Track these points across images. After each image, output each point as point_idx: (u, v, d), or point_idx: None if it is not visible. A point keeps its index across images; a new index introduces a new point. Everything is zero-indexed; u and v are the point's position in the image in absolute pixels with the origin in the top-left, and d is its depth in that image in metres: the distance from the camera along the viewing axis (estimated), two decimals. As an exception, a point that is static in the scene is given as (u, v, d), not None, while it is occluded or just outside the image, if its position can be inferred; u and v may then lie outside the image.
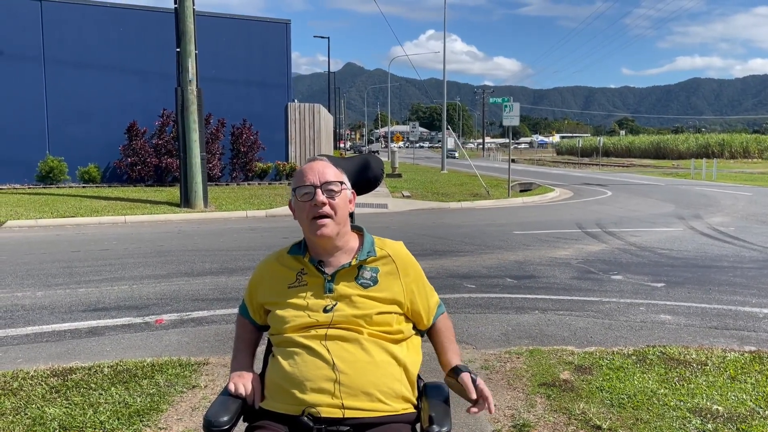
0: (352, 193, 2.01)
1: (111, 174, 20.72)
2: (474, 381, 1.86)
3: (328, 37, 44.87)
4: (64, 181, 19.76)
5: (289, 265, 1.98)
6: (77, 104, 19.90)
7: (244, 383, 1.93)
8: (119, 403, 3.56)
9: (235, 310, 5.84)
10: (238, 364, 2.04)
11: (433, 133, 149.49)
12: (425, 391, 1.95)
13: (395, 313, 1.93)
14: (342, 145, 66.34)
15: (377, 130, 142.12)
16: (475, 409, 1.85)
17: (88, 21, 20.02)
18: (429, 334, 2.06)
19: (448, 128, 36.10)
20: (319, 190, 1.88)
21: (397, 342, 1.93)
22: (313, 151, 23.62)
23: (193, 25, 14.23)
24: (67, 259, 8.37)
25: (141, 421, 3.34)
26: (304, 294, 1.91)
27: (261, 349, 2.09)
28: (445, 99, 34.50)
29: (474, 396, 1.85)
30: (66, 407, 3.49)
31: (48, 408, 3.47)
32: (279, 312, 1.93)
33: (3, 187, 18.93)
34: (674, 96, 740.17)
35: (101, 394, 3.67)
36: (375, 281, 1.93)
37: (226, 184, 21.60)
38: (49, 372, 4.01)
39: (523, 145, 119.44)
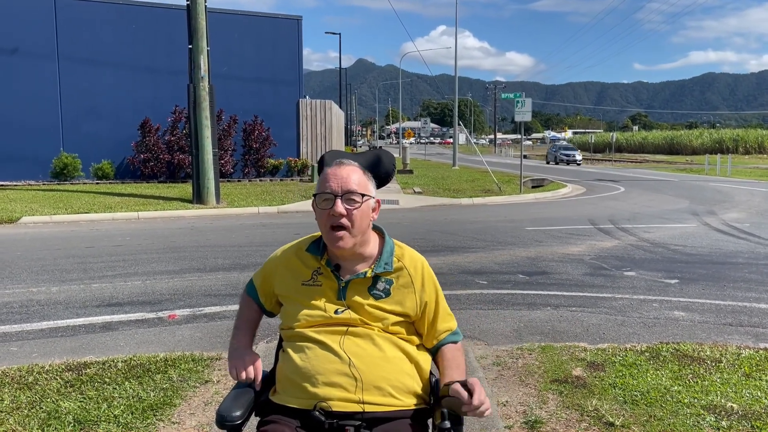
0: (377, 201, 1.96)
1: (124, 170, 20.86)
2: (465, 384, 1.72)
3: (340, 34, 44.89)
4: (78, 178, 19.91)
5: (306, 262, 1.97)
6: (91, 101, 20.04)
7: (245, 367, 1.94)
8: (133, 397, 3.59)
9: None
10: (237, 341, 2.05)
11: (445, 129, 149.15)
12: (437, 387, 1.95)
13: (407, 322, 1.94)
14: (360, 141, 64.82)
15: (388, 126, 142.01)
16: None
17: (101, 18, 20.14)
18: (434, 358, 2.01)
19: (459, 124, 35.97)
20: (339, 200, 1.84)
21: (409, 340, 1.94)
22: (325, 147, 23.63)
23: (205, 22, 14.27)
24: (81, 254, 8.44)
25: (154, 416, 3.37)
26: (317, 294, 1.91)
27: (272, 345, 2.09)
28: (456, 95, 34.39)
29: (465, 396, 1.69)
30: (80, 401, 3.52)
31: (63, 402, 3.50)
32: (292, 307, 1.94)
33: (18, 183, 19.12)
34: (688, 91, 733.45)
35: (115, 389, 3.70)
36: (387, 293, 1.92)
37: (238, 181, 21.68)
38: (63, 366, 4.05)
39: (539, 143, 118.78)
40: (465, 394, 1.70)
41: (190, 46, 14.23)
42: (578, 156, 43.86)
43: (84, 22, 19.90)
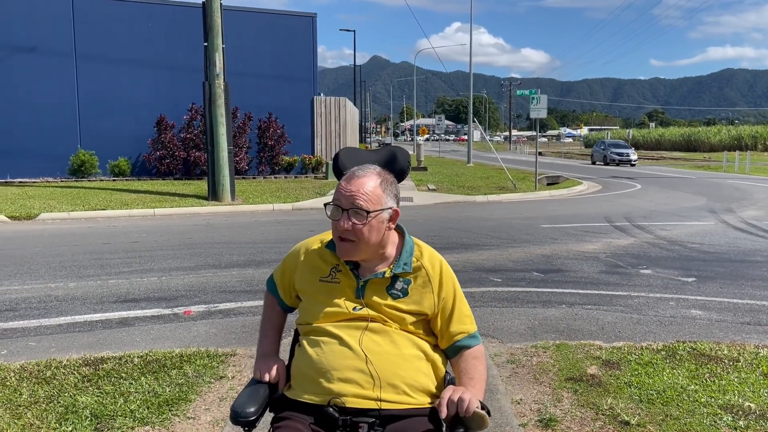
0: (394, 211, 1.90)
1: (140, 167, 21.03)
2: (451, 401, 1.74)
3: (354, 31, 44.85)
4: (95, 175, 20.11)
5: (326, 258, 1.96)
6: (108, 99, 20.21)
7: (269, 370, 1.95)
8: (149, 392, 3.62)
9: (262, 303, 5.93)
10: (264, 348, 2.06)
11: (459, 126, 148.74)
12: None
13: (426, 320, 1.92)
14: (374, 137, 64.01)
15: (403, 123, 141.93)
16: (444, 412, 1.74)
17: (117, 16, 20.30)
18: (452, 363, 1.97)
19: (474, 121, 35.85)
20: (345, 215, 1.83)
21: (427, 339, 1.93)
22: (339, 144, 23.66)
23: (220, 20, 14.34)
24: (99, 251, 8.53)
25: (170, 411, 3.39)
26: (336, 291, 1.90)
27: (288, 341, 2.10)
28: (471, 91, 34.28)
29: (443, 413, 1.73)
30: (97, 396, 3.56)
31: (80, 396, 3.54)
32: (309, 303, 1.94)
33: (36, 180, 19.34)
34: (706, 87, 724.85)
35: (131, 384, 3.73)
36: (405, 293, 1.90)
37: (253, 178, 21.77)
38: (81, 361, 4.10)
39: (568, 139, 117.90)
40: (444, 411, 1.73)
41: (206, 44, 14.30)
42: (633, 155, 35.64)
43: (101, 20, 20.07)
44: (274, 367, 1.96)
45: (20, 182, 18.82)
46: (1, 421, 3.25)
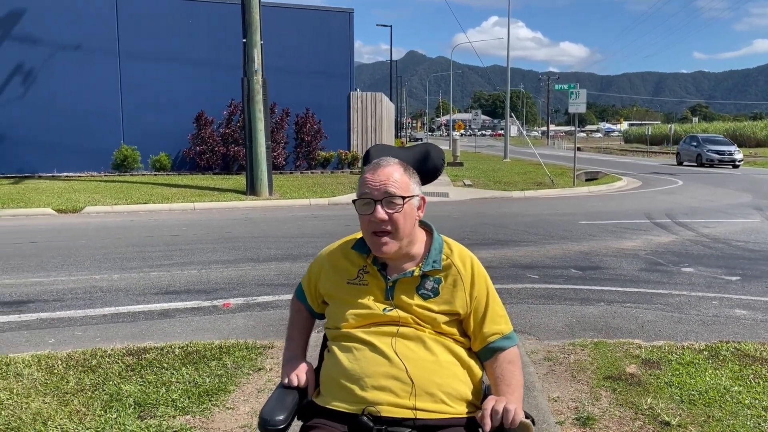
0: (421, 198, 1.87)
1: (180, 162, 21.43)
2: (496, 412, 1.68)
3: (391, 26, 44.87)
4: (137, 169, 20.57)
5: (352, 259, 1.91)
6: (149, 95, 20.63)
7: (298, 374, 1.89)
8: (189, 382, 3.70)
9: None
10: (290, 352, 2.01)
11: (496, 121, 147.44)
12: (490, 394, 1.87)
13: (459, 320, 1.85)
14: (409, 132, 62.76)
15: (438, 119, 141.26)
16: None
17: (160, 13, 20.68)
18: (485, 367, 1.88)
19: (511, 116, 35.50)
20: (378, 206, 1.77)
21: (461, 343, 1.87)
22: (375, 139, 23.70)
23: (259, 16, 14.49)
24: (140, 243, 8.74)
25: (210, 401, 3.47)
26: (364, 293, 1.85)
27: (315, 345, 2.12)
28: (508, 86, 33.94)
29: (487, 424, 1.68)
30: (141, 385, 3.66)
31: (124, 385, 3.64)
32: (338, 307, 1.88)
33: (81, 174, 19.89)
34: (752, 81, 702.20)
35: (173, 374, 3.82)
36: (436, 292, 1.84)
37: (290, 173, 21.98)
38: (124, 351, 4.21)
39: (597, 134, 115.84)
40: (488, 423, 1.66)
41: (244, 40, 14.48)
42: (738, 154, 29.08)
43: (144, 18, 20.48)
44: (303, 371, 1.91)
45: (66, 176, 19.37)
46: (49, 407, 3.36)
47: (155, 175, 20.41)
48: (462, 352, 1.84)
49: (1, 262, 7.43)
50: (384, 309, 1.81)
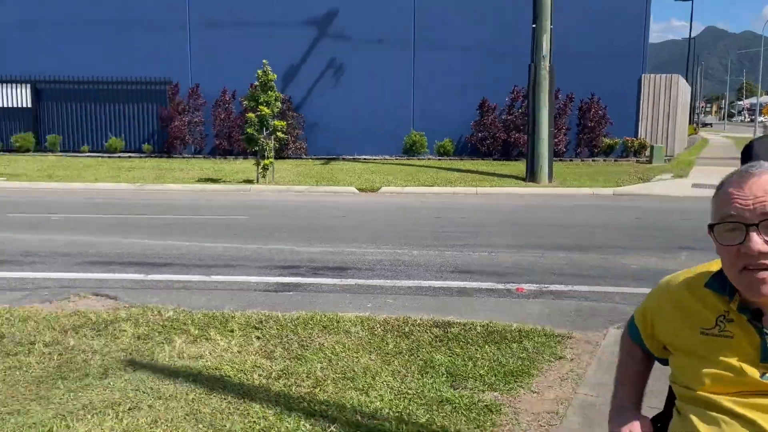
0: None
1: (461, 148, 22.30)
2: None
3: (691, -1, 40.47)
4: (423, 154, 21.96)
5: (707, 302, 1.46)
6: (438, 83, 21.80)
7: (630, 429, 1.58)
8: (493, 360, 3.87)
9: (594, 288, 5.82)
10: (619, 402, 1.68)
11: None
12: None
13: None
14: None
15: (740, 102, 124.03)
16: None
17: (450, 3, 21.66)
18: None
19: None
20: (754, 234, 1.29)
21: None
22: (667, 126, 21.77)
23: (550, 1, 14.28)
24: (432, 224, 9.35)
25: (515, 381, 3.59)
26: (728, 349, 1.40)
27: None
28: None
29: None
30: (449, 356, 3.94)
31: (435, 354, 3.96)
32: (687, 362, 1.48)
33: (377, 158, 21.94)
34: None
35: (477, 350, 4.04)
36: None
37: (570, 160, 21.38)
38: (431, 323, 4.57)
39: None
40: None
41: (534, 26, 14.41)
42: None
43: (436, 9, 21.64)
44: (638, 429, 1.59)
45: (365, 159, 21.55)
46: (375, 364, 3.82)
47: (439, 159, 21.56)
48: None
49: (325, 232, 8.61)
50: (763, 375, 1.37)
